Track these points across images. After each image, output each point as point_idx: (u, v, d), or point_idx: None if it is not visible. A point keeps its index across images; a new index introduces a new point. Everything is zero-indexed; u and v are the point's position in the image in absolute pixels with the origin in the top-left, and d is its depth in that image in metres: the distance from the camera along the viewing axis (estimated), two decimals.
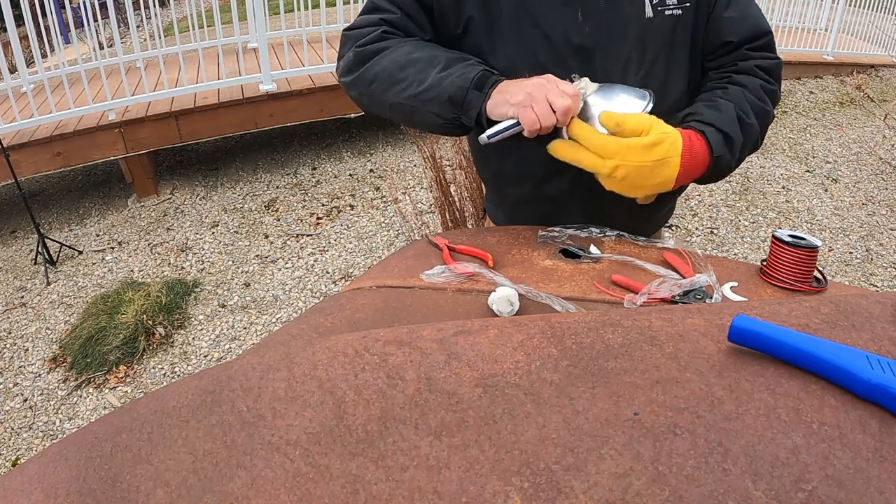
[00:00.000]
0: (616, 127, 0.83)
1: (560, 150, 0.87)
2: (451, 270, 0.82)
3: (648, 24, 0.93)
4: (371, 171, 4.25)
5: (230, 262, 3.43)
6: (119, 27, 4.45)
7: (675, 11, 0.94)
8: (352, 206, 3.85)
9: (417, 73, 0.92)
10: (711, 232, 3.43)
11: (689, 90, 1.00)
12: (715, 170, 0.90)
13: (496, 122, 0.87)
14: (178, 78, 4.30)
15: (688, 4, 0.94)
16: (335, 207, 3.85)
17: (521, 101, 0.85)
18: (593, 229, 0.95)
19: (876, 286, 2.97)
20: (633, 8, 0.93)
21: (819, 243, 0.76)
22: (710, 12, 0.96)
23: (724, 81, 0.96)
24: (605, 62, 0.94)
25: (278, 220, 3.80)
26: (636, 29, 0.94)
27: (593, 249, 0.87)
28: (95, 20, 4.06)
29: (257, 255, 3.47)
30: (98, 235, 3.86)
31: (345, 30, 1.02)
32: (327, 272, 3.26)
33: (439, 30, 1.00)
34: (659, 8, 0.94)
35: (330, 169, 4.33)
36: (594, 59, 0.94)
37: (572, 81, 0.88)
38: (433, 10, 0.98)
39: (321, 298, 2.75)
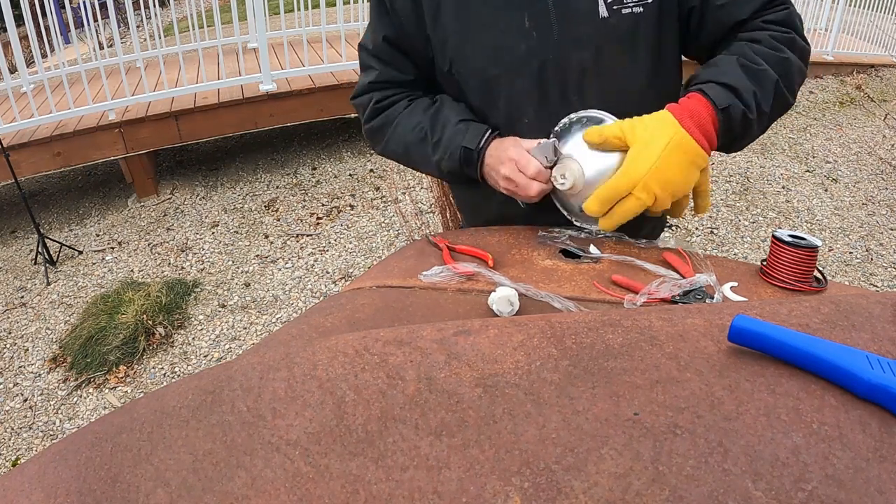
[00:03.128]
0: (603, 141, 0.83)
1: (609, 224, 0.85)
2: (449, 270, 0.82)
3: (603, 25, 0.87)
4: (371, 171, 4.25)
5: (230, 262, 3.43)
6: (119, 27, 4.44)
7: (635, 9, 0.87)
8: (352, 206, 3.85)
9: (419, 155, 1.01)
10: (711, 232, 3.43)
11: (660, 90, 0.94)
12: (731, 124, 0.82)
13: None
14: (178, 78, 4.30)
15: (649, 1, 0.87)
16: (335, 207, 3.85)
17: (505, 186, 0.92)
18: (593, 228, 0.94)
19: (876, 286, 2.97)
20: (584, 8, 0.87)
21: (819, 243, 0.76)
22: (696, 5, 0.88)
23: (728, 44, 0.90)
24: (559, 73, 0.90)
25: (278, 220, 3.80)
26: (589, 32, 0.88)
27: (593, 249, 0.87)
28: (95, 20, 4.06)
29: (257, 255, 3.47)
30: (98, 235, 3.86)
31: (351, 98, 1.10)
32: (327, 272, 3.26)
33: (416, 62, 1.01)
34: (615, 7, 0.87)
35: (330, 169, 4.33)
36: (546, 69, 0.90)
37: (563, 184, 0.87)
38: (404, 43, 0.99)
39: (321, 298, 2.75)
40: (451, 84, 1.00)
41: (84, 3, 4.06)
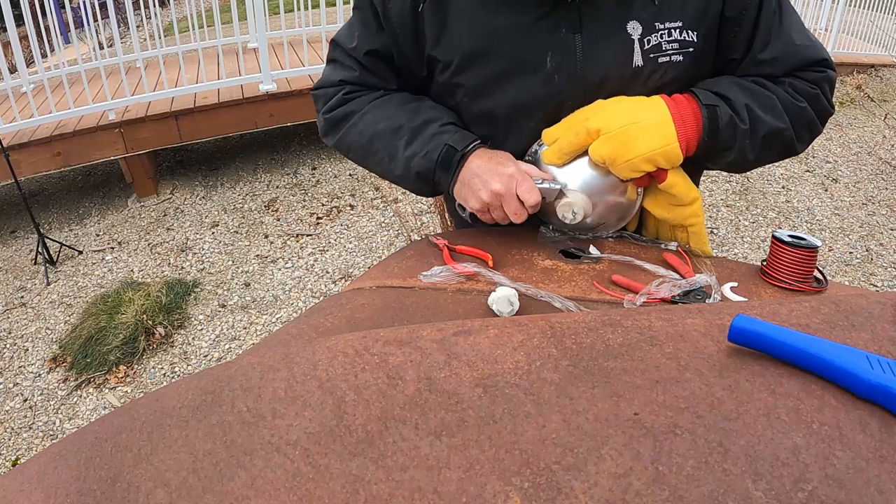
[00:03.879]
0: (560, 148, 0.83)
1: (554, 156, 0.85)
2: (449, 270, 0.82)
3: (634, 74, 0.82)
4: None
5: (230, 262, 3.43)
6: (119, 27, 4.44)
7: (674, 57, 0.81)
8: (352, 206, 3.85)
9: (385, 146, 0.90)
10: (711, 232, 3.43)
11: None
12: (717, 124, 0.79)
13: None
14: (178, 78, 4.30)
15: (690, 49, 0.81)
16: (335, 207, 3.85)
17: (487, 201, 0.83)
18: None
19: (876, 286, 2.97)
20: (617, 56, 0.81)
21: (819, 243, 0.76)
22: (737, 57, 0.85)
23: None
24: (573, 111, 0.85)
25: (278, 220, 3.80)
26: (617, 82, 0.82)
27: (593, 250, 0.87)
28: (95, 20, 4.06)
29: (257, 255, 3.47)
30: (98, 235, 3.86)
31: (311, 90, 1.01)
32: (327, 272, 3.26)
33: (404, 76, 0.94)
34: (652, 55, 0.81)
35: (330, 169, 4.33)
36: (562, 110, 0.85)
37: (534, 154, 0.86)
38: (393, 58, 0.92)
39: (321, 298, 2.75)
40: (452, 108, 0.93)
41: (84, 3, 4.06)
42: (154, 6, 4.19)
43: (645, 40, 0.80)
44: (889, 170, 4.11)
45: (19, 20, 3.77)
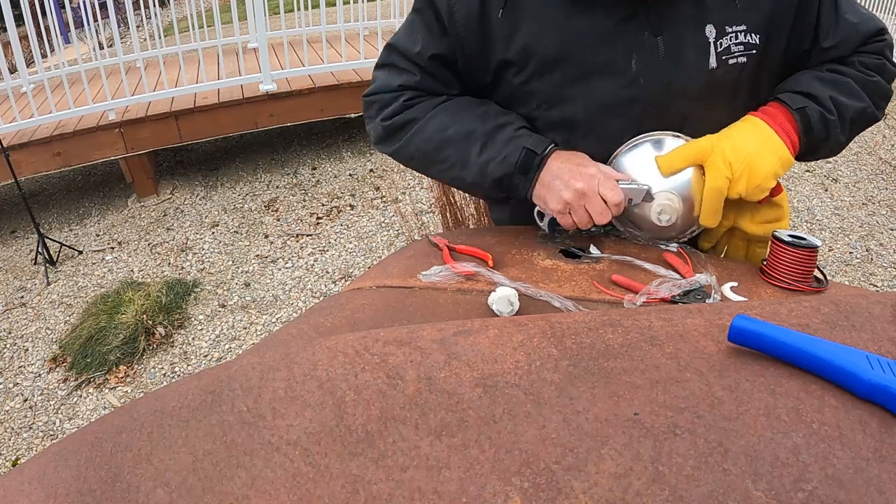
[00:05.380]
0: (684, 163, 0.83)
1: (712, 220, 0.86)
2: (448, 269, 0.82)
3: (711, 75, 0.83)
4: (371, 171, 4.25)
5: (230, 262, 3.43)
6: (119, 27, 4.44)
7: (739, 59, 0.84)
8: (352, 206, 3.85)
9: (457, 152, 0.88)
10: None
11: None
12: (810, 124, 0.83)
13: None
14: (178, 78, 4.30)
15: (753, 52, 0.84)
16: (335, 207, 3.85)
17: (569, 201, 0.82)
18: (592, 228, 0.94)
19: (876, 286, 2.97)
20: (696, 57, 0.82)
21: (819, 243, 0.76)
22: (805, 49, 0.88)
23: None
24: (659, 118, 0.85)
25: (278, 220, 3.80)
26: (699, 83, 0.84)
27: (593, 249, 0.87)
28: (95, 20, 4.06)
29: (257, 255, 3.47)
30: (98, 235, 3.86)
31: (364, 95, 0.97)
32: (327, 272, 3.26)
33: (465, 82, 0.92)
34: (724, 57, 0.83)
35: (330, 169, 4.33)
36: (647, 115, 0.85)
37: (666, 219, 0.85)
38: (457, 63, 0.90)
39: (321, 298, 2.75)
40: (524, 115, 0.91)
41: (84, 3, 4.06)
42: (154, 6, 4.19)
43: (718, 43, 0.83)
44: (889, 170, 4.11)
45: (19, 20, 3.77)
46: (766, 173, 0.81)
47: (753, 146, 0.82)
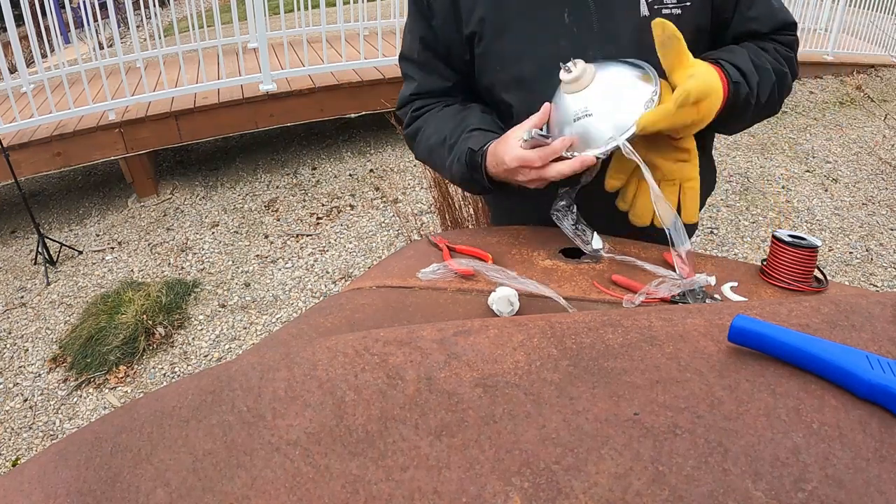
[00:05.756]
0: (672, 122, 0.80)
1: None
2: (446, 267, 0.82)
3: (642, 24, 0.88)
4: (371, 171, 4.25)
5: (230, 262, 3.43)
6: (119, 27, 4.44)
7: (674, 10, 0.89)
8: (352, 206, 3.85)
9: (439, 158, 1.01)
10: (711, 232, 3.43)
11: None
12: (736, 100, 0.86)
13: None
14: (178, 78, 4.30)
15: (688, 4, 0.90)
16: (335, 207, 3.85)
17: (519, 178, 0.87)
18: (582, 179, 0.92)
19: (876, 286, 2.97)
20: (624, 7, 0.89)
21: (819, 243, 0.76)
22: (729, 17, 0.93)
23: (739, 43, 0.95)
24: None
25: (278, 220, 3.80)
26: (628, 31, 0.89)
27: (596, 241, 0.86)
28: (95, 20, 4.06)
29: (257, 255, 3.47)
30: (98, 235, 3.86)
31: (395, 109, 1.12)
32: (327, 272, 3.26)
33: (456, 66, 1.02)
34: (656, 7, 0.89)
35: (330, 169, 4.33)
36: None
37: (569, 71, 0.83)
38: (441, 49, 1.00)
39: (321, 298, 2.75)
40: (489, 86, 1.00)
41: (84, 3, 4.06)
42: (154, 6, 4.19)
43: None
44: (889, 170, 4.11)
45: (19, 20, 3.77)
46: (717, 106, 0.83)
47: (714, 84, 0.82)
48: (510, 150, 0.87)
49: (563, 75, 0.83)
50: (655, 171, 0.87)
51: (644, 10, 0.89)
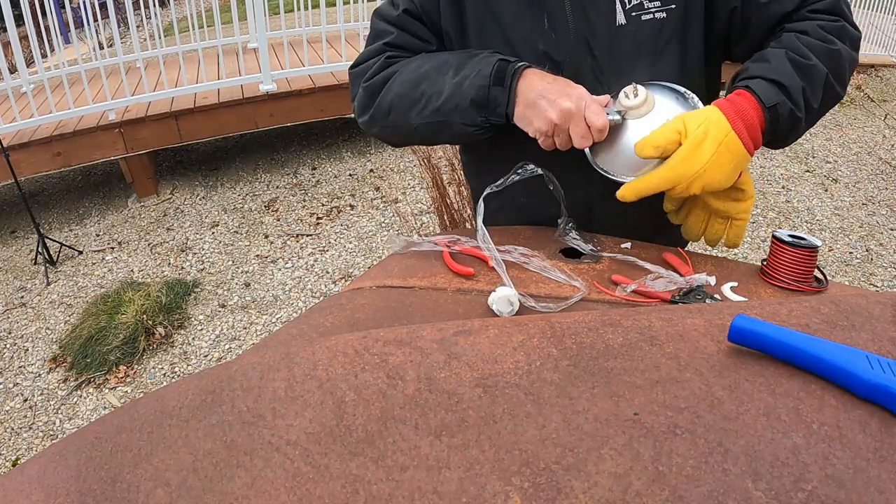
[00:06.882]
0: (659, 152, 0.76)
1: (631, 193, 0.80)
2: (432, 243, 0.83)
3: (619, 32, 0.85)
4: (371, 171, 4.25)
5: (230, 262, 3.43)
6: (119, 27, 4.44)
7: (657, 14, 0.85)
8: (352, 206, 3.85)
9: (432, 85, 0.88)
10: None
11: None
12: (778, 122, 0.78)
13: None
14: (178, 78, 4.30)
15: (673, 6, 0.85)
16: (335, 207, 3.86)
17: (555, 121, 0.79)
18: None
19: (876, 286, 2.97)
20: (600, 16, 0.85)
21: (819, 243, 0.76)
22: (737, 5, 0.85)
23: (777, 36, 0.85)
24: (574, 75, 0.86)
25: (278, 220, 3.80)
26: (603, 40, 0.86)
27: (594, 248, 0.86)
28: (95, 20, 4.06)
29: (257, 255, 3.47)
30: (98, 235, 3.86)
31: (350, 68, 0.99)
32: (327, 272, 3.26)
33: (436, 31, 0.96)
34: (634, 14, 0.85)
35: (330, 169, 4.33)
36: (561, 70, 0.87)
37: (630, 97, 0.80)
38: (424, 19, 0.94)
39: (321, 298, 2.75)
40: None
41: (84, 3, 4.06)
42: (154, 6, 4.19)
43: (626, 0, 0.85)
44: (889, 170, 4.11)
45: (19, 20, 3.77)
46: (721, 184, 0.78)
47: (723, 178, 0.77)
48: (580, 89, 0.81)
49: (624, 100, 0.81)
50: (707, 206, 0.84)
51: (621, 19, 0.85)
